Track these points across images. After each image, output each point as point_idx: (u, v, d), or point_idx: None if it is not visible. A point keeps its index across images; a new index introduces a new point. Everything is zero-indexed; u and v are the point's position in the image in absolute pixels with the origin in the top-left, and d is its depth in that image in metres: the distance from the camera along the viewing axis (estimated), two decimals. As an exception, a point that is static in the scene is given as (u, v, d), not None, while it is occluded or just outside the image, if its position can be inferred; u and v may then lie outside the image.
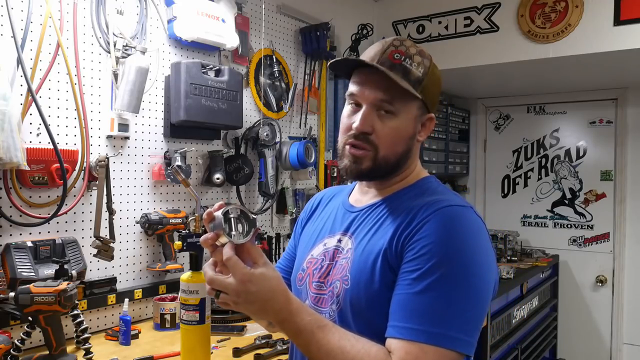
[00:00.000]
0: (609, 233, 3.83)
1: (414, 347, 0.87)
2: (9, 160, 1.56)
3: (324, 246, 1.12)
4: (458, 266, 0.91)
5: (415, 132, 1.05)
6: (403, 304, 0.91)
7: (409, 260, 0.93)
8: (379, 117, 1.01)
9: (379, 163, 1.03)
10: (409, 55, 1.01)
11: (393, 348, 0.89)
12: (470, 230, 0.96)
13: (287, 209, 2.75)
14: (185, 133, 2.25)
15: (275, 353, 1.73)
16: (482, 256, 0.95)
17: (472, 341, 0.91)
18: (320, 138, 2.98)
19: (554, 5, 2.83)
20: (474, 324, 0.92)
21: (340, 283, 1.02)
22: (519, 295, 3.20)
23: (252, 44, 2.58)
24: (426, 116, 1.06)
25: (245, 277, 0.89)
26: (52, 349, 1.52)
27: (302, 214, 1.29)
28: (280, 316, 0.92)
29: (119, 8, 1.99)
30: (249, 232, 0.96)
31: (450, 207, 0.97)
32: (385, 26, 3.42)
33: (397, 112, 1.01)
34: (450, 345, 0.88)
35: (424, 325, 0.88)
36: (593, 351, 3.87)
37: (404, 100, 1.01)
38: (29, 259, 1.69)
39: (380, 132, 1.01)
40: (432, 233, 0.93)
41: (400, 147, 1.04)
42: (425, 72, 1.02)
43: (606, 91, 3.83)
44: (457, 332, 0.88)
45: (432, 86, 1.04)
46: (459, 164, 4.20)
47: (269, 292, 0.90)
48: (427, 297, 0.90)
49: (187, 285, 1.17)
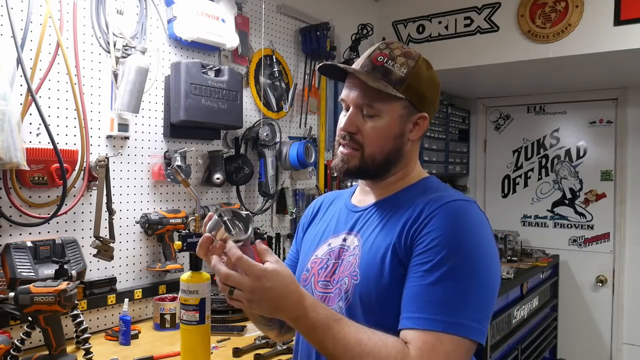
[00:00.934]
0: (609, 233, 3.83)
1: (431, 336, 0.89)
2: (9, 160, 1.56)
3: (329, 246, 1.13)
4: (467, 257, 0.94)
5: (402, 131, 1.08)
6: (416, 296, 0.94)
7: (419, 253, 0.96)
8: (363, 118, 1.06)
9: (366, 161, 1.07)
10: (392, 57, 1.05)
11: (409, 338, 0.91)
12: (476, 223, 0.99)
13: (287, 209, 2.75)
14: (185, 133, 2.25)
15: (275, 353, 1.73)
16: (488, 247, 0.99)
17: (484, 330, 0.94)
18: (320, 138, 2.98)
19: (554, 5, 2.83)
20: (485, 312, 0.95)
21: (349, 279, 1.04)
22: (519, 295, 3.20)
23: (252, 44, 2.58)
24: (417, 115, 1.08)
25: (260, 272, 0.89)
26: (52, 349, 1.52)
27: (303, 219, 1.31)
28: (295, 312, 0.92)
29: (119, 8, 1.99)
30: (247, 229, 0.97)
31: (455, 201, 1.00)
32: (385, 26, 3.42)
33: (379, 112, 1.05)
34: (465, 333, 0.90)
35: (439, 315, 0.90)
36: (593, 351, 3.87)
37: (385, 101, 1.04)
38: (28, 259, 1.69)
39: (364, 131, 1.06)
40: (440, 226, 0.96)
41: (386, 145, 1.07)
42: (409, 72, 1.05)
43: (606, 91, 3.83)
44: (470, 321, 0.91)
45: (420, 84, 1.06)
46: (459, 164, 4.20)
47: (283, 287, 0.91)
48: (440, 287, 0.92)
49: (187, 285, 1.17)
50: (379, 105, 1.04)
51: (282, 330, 1.25)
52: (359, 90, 1.06)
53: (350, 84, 1.08)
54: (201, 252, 0.98)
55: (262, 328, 1.25)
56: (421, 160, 3.41)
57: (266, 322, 1.21)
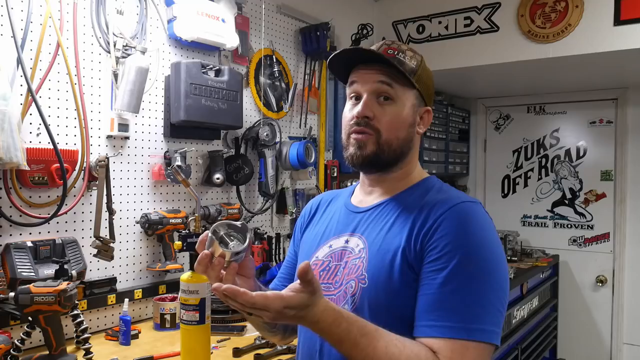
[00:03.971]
0: (609, 233, 3.83)
1: (458, 345, 0.90)
2: (9, 160, 1.56)
3: (330, 248, 1.11)
4: (481, 261, 0.95)
5: (414, 121, 1.09)
6: (436, 303, 0.93)
7: (433, 260, 0.96)
8: (379, 104, 1.06)
9: (382, 147, 1.05)
10: (401, 50, 1.07)
11: (436, 348, 0.91)
12: (484, 225, 1.00)
13: (287, 209, 2.75)
14: (185, 133, 2.25)
15: (275, 353, 1.72)
16: (497, 248, 1.00)
17: (500, 332, 0.96)
18: (320, 138, 2.98)
19: (554, 5, 2.83)
20: (502, 314, 0.96)
21: (357, 282, 1.02)
22: (519, 295, 3.20)
23: (252, 44, 2.58)
24: (423, 109, 1.11)
25: (283, 303, 0.84)
26: (52, 349, 1.52)
27: (300, 220, 1.29)
28: (318, 327, 0.89)
29: (119, 8, 1.99)
30: (245, 239, 0.98)
31: (462, 203, 1.01)
32: (385, 26, 3.42)
33: (396, 98, 1.06)
34: (487, 339, 0.92)
35: (462, 323, 0.91)
36: (593, 351, 3.87)
37: (402, 87, 1.06)
38: (29, 259, 1.69)
39: (380, 116, 1.05)
40: (451, 231, 0.96)
41: (401, 132, 1.07)
42: (419, 65, 1.08)
43: (606, 91, 3.83)
44: (490, 325, 0.93)
45: (427, 79, 1.10)
46: (459, 164, 4.20)
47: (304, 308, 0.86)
48: (459, 294, 0.93)
49: (187, 285, 1.17)
50: (398, 90, 1.05)
51: (286, 334, 1.23)
52: (377, 74, 1.05)
53: (362, 73, 1.07)
54: (200, 269, 0.96)
55: (266, 334, 1.23)
56: (421, 161, 3.41)
57: (270, 328, 1.19)
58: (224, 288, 0.83)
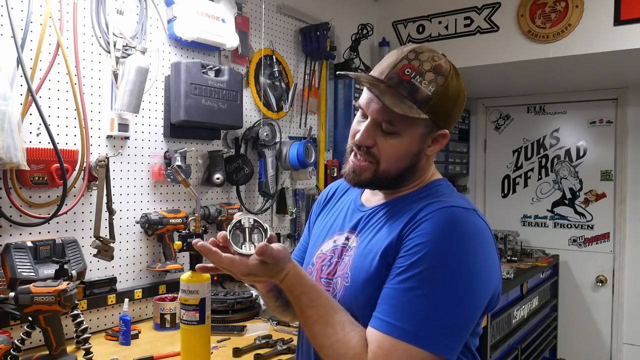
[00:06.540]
0: (609, 233, 3.83)
1: (387, 342, 0.89)
2: (9, 160, 1.56)
3: (334, 243, 1.13)
4: (448, 268, 0.91)
5: (421, 149, 1.04)
6: (387, 298, 0.93)
7: (401, 256, 0.95)
8: (381, 133, 1.01)
9: (379, 176, 1.04)
10: (420, 72, 0.98)
11: (370, 339, 0.92)
12: (469, 234, 0.95)
13: (287, 209, 2.75)
14: (185, 133, 2.25)
15: (275, 353, 1.72)
16: (479, 261, 0.95)
17: (452, 345, 0.91)
18: (320, 138, 2.98)
19: (554, 5, 2.83)
20: (457, 328, 0.92)
21: (341, 280, 1.05)
22: (519, 295, 3.20)
23: (252, 44, 2.58)
24: (437, 132, 1.04)
25: (247, 269, 0.94)
26: (52, 349, 1.52)
27: (316, 204, 1.31)
28: (283, 287, 0.98)
29: (119, 8, 1.99)
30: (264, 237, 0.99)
31: (451, 207, 0.97)
32: (385, 26, 3.43)
33: (400, 131, 1.00)
34: (423, 345, 0.88)
35: (400, 322, 0.90)
36: (593, 351, 3.87)
37: (408, 120, 0.98)
38: (29, 259, 1.69)
39: (381, 146, 1.02)
40: (427, 232, 0.93)
41: (402, 163, 1.04)
42: (437, 91, 0.98)
43: (606, 91, 3.82)
44: (432, 333, 0.89)
45: (446, 102, 1.00)
46: (459, 164, 4.20)
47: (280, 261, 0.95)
48: (411, 294, 0.91)
49: (187, 285, 1.17)
50: (402, 124, 0.99)
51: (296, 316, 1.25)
52: (380, 105, 0.99)
53: (370, 96, 1.02)
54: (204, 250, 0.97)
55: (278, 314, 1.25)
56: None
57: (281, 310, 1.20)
58: (199, 245, 0.94)
